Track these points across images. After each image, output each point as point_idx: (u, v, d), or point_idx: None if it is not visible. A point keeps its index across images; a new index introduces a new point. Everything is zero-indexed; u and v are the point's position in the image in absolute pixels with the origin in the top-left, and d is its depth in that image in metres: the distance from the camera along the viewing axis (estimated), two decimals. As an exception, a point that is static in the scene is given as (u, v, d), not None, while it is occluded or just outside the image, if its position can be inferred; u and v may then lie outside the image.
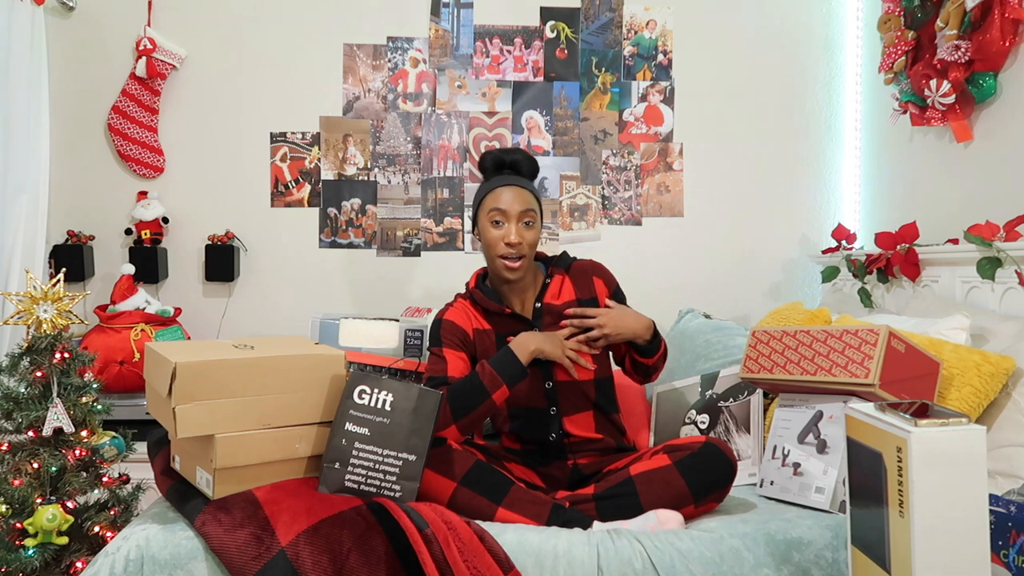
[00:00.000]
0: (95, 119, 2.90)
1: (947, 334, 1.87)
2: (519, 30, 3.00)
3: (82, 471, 1.86)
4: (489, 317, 1.86)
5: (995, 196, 2.18)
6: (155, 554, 1.40)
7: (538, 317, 1.84)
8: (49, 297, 1.86)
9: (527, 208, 1.77)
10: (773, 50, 3.04)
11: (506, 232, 1.76)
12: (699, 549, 1.43)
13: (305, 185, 2.98)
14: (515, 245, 1.76)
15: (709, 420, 2.03)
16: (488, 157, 1.86)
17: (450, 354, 1.80)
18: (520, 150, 1.87)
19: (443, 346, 1.81)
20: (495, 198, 1.78)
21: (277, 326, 2.92)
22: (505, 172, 1.84)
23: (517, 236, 1.76)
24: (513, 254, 1.77)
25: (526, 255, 1.78)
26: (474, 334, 1.85)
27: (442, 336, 1.83)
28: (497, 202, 1.78)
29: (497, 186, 1.80)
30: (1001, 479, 1.59)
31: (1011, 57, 2.10)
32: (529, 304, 1.86)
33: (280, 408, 1.54)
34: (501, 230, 1.77)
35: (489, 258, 1.82)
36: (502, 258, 1.78)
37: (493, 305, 1.83)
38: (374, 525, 1.40)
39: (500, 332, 1.83)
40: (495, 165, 1.85)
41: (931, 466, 1.04)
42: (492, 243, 1.78)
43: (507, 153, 1.85)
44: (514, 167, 1.83)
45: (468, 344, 1.84)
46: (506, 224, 1.77)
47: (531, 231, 1.78)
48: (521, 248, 1.77)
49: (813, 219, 3.06)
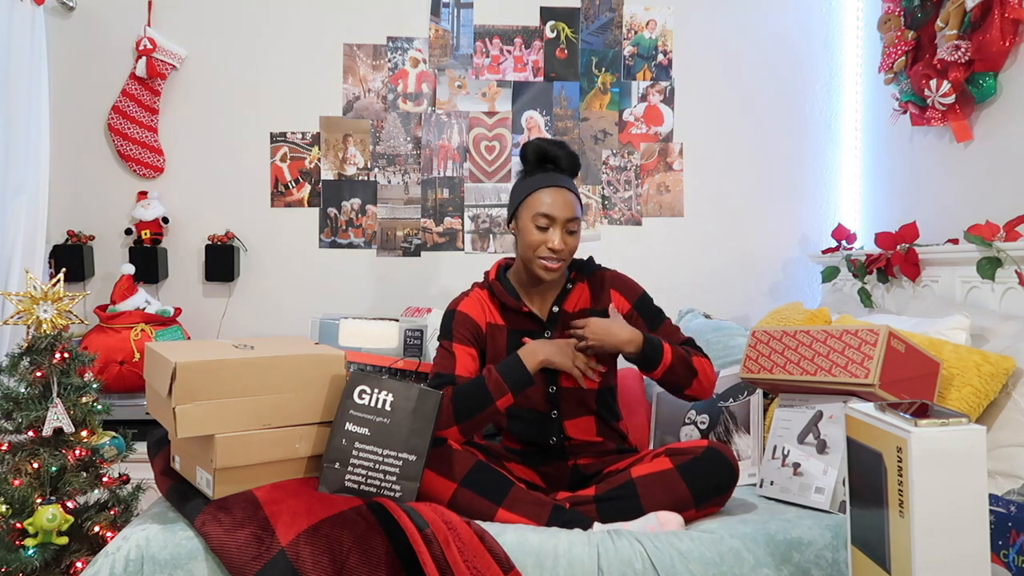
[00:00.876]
0: (95, 119, 2.90)
1: (947, 334, 1.87)
2: (519, 30, 3.00)
3: (82, 471, 1.86)
4: (504, 312, 1.84)
5: (995, 196, 2.18)
6: (155, 554, 1.40)
7: (553, 321, 1.82)
8: (49, 297, 1.86)
9: (573, 216, 1.74)
10: (773, 50, 3.04)
11: (550, 237, 1.73)
12: (699, 549, 1.43)
13: (305, 185, 2.98)
14: (558, 251, 1.73)
15: (709, 420, 2.03)
16: (530, 147, 1.79)
17: (460, 350, 1.79)
18: (563, 145, 1.80)
19: (453, 340, 1.80)
20: (541, 201, 1.73)
21: (277, 326, 2.92)
22: (548, 167, 1.79)
23: (561, 243, 1.73)
24: (554, 258, 1.75)
25: (565, 260, 1.77)
26: (487, 328, 1.83)
27: (454, 328, 1.81)
28: (545, 206, 1.73)
29: (545, 186, 1.75)
30: (1001, 479, 1.59)
31: (1011, 57, 2.10)
32: (547, 306, 1.84)
33: (280, 408, 1.54)
34: (545, 234, 1.74)
35: (526, 258, 1.78)
36: (542, 259, 1.75)
37: (511, 301, 1.81)
38: (374, 525, 1.40)
39: (513, 328, 1.82)
40: (538, 158, 1.79)
41: (931, 466, 1.04)
42: (533, 245, 1.74)
43: (551, 146, 1.78)
44: (556, 163, 1.78)
45: (480, 339, 1.82)
46: (551, 229, 1.73)
47: (574, 238, 1.76)
48: (563, 254, 1.75)
49: (813, 219, 3.06)
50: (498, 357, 1.79)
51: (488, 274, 1.90)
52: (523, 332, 1.80)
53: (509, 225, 1.84)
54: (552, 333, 1.81)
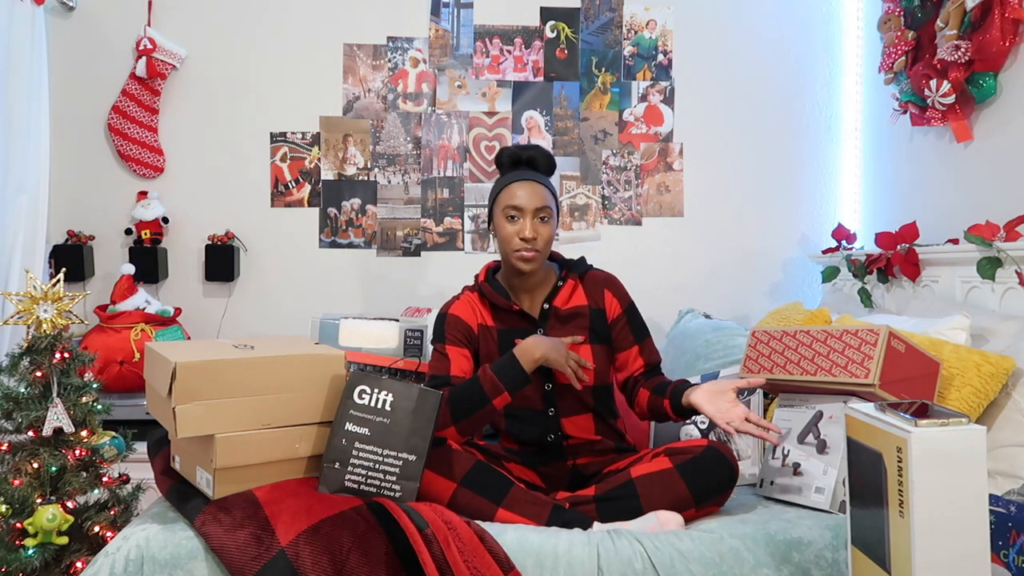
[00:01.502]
0: (95, 119, 2.90)
1: (947, 334, 1.87)
2: (519, 30, 3.00)
3: (82, 471, 1.86)
4: (495, 313, 1.85)
5: (995, 196, 2.18)
6: (155, 554, 1.40)
7: (544, 318, 1.83)
8: (49, 297, 1.86)
9: (542, 204, 1.76)
10: (773, 50, 3.04)
11: (521, 227, 1.75)
12: (699, 549, 1.43)
13: (305, 185, 2.98)
14: (530, 240, 1.75)
15: (709, 420, 2.03)
16: (505, 153, 1.85)
17: (453, 351, 1.80)
18: (537, 147, 1.85)
19: (446, 343, 1.81)
20: (510, 194, 1.77)
21: (277, 326, 2.92)
22: (522, 168, 1.83)
23: (532, 231, 1.74)
24: (528, 247, 1.76)
25: (540, 250, 1.77)
26: (478, 329, 1.84)
27: (446, 331, 1.82)
28: (512, 198, 1.76)
29: (512, 181, 1.79)
30: (1001, 479, 1.59)
31: (1011, 57, 2.10)
32: (537, 304, 1.85)
33: (280, 408, 1.54)
34: (516, 225, 1.76)
35: (504, 253, 1.81)
36: (516, 251, 1.77)
37: (501, 300, 1.82)
38: (374, 525, 1.40)
39: (503, 328, 1.83)
40: (512, 161, 1.84)
41: (931, 466, 1.04)
42: (507, 238, 1.77)
43: (524, 149, 1.84)
44: (531, 163, 1.82)
45: (472, 340, 1.83)
46: (521, 219, 1.76)
47: (546, 226, 1.77)
48: (536, 243, 1.76)
49: (813, 219, 3.06)
50: (491, 358, 1.80)
51: (477, 277, 1.91)
52: (515, 331, 1.80)
53: (489, 227, 1.86)
54: (545, 331, 1.82)
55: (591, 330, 1.83)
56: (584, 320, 1.83)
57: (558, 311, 1.83)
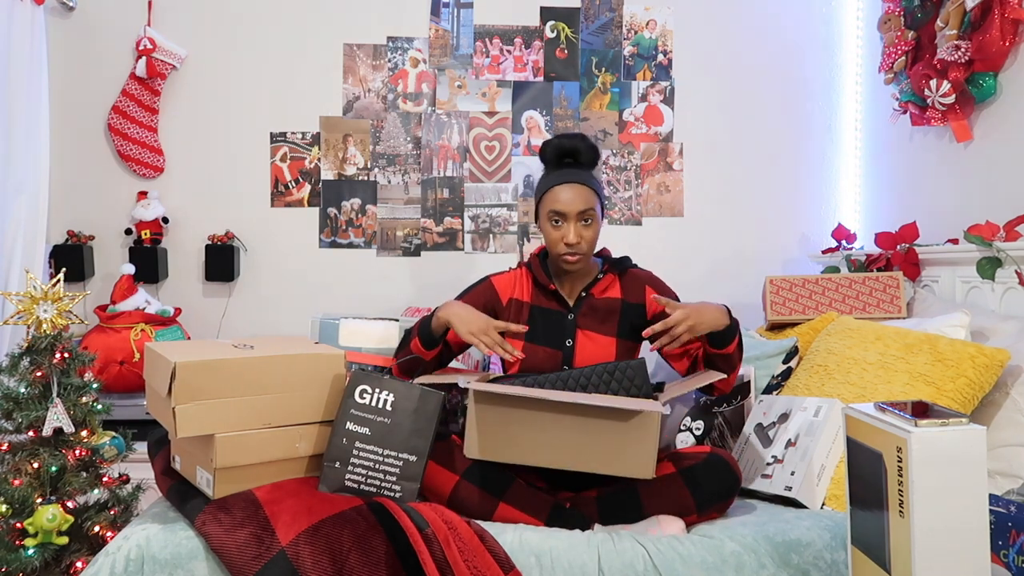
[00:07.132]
0: (95, 119, 2.89)
1: (947, 331, 1.88)
2: (519, 30, 3.00)
3: (82, 471, 1.86)
4: (535, 289, 1.89)
5: (995, 196, 2.18)
6: (155, 554, 1.40)
7: (578, 305, 1.86)
8: (49, 297, 1.86)
9: (585, 208, 1.77)
10: (773, 50, 3.04)
11: (565, 232, 1.77)
12: (700, 554, 1.43)
13: (305, 185, 2.97)
14: (574, 245, 1.77)
15: (704, 426, 2.02)
16: (549, 147, 1.84)
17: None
18: (581, 137, 1.85)
19: (464, 297, 1.88)
20: (553, 198, 1.78)
21: (277, 326, 2.92)
22: (565, 166, 1.83)
23: (575, 236, 1.77)
24: (572, 252, 1.78)
25: (584, 253, 1.80)
26: (507, 302, 1.88)
27: (472, 290, 1.90)
28: (555, 203, 1.78)
29: (556, 184, 1.79)
30: (1001, 479, 1.59)
31: (1011, 57, 2.10)
32: (576, 291, 1.88)
33: (280, 407, 1.54)
34: (560, 230, 1.78)
35: (550, 253, 1.85)
36: (561, 255, 1.80)
37: (542, 277, 1.86)
38: (374, 525, 1.40)
39: (536, 305, 1.87)
40: (556, 155, 1.84)
41: (931, 466, 1.04)
42: (552, 242, 1.80)
43: (568, 140, 1.83)
44: (575, 156, 1.83)
45: (489, 309, 1.87)
46: (565, 224, 1.78)
47: (589, 229, 1.79)
48: (580, 247, 1.78)
49: (813, 219, 3.06)
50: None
51: (533, 252, 1.96)
52: (546, 311, 1.85)
53: (536, 222, 1.89)
54: (576, 316, 1.84)
55: (619, 324, 1.85)
56: (615, 314, 1.85)
57: (593, 299, 1.86)
